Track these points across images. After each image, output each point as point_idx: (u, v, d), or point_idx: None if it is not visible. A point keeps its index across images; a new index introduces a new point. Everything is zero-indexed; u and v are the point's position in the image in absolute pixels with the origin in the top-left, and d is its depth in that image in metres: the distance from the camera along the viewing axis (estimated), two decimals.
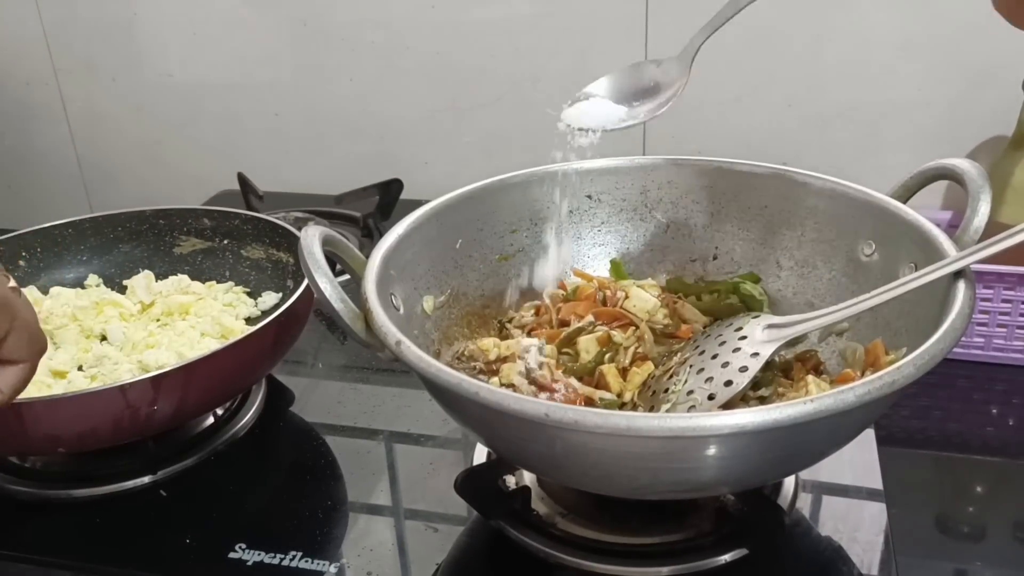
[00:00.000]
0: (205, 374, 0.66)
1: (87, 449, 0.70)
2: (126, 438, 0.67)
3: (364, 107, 1.21)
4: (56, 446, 0.66)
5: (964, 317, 0.52)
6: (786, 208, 0.72)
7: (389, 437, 0.75)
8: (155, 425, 0.67)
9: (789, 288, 0.72)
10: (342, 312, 0.56)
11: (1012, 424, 0.75)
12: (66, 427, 0.64)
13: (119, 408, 0.63)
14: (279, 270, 0.87)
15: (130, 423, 0.65)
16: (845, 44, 1.02)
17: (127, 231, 0.91)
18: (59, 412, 0.63)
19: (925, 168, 0.65)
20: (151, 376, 0.63)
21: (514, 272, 0.75)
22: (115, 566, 0.63)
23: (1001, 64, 0.96)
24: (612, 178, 0.76)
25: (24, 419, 0.62)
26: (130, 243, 0.91)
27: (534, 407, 0.46)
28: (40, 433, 0.64)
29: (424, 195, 0.73)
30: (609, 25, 1.08)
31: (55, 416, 0.63)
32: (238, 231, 0.89)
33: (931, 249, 0.59)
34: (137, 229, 0.91)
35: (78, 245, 0.90)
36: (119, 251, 0.91)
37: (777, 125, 1.07)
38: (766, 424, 0.45)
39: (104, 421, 0.64)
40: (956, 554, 0.62)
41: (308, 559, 0.62)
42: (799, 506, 0.64)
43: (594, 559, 0.59)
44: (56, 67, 1.29)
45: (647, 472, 0.51)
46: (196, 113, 1.27)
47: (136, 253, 0.91)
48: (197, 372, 0.65)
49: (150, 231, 0.91)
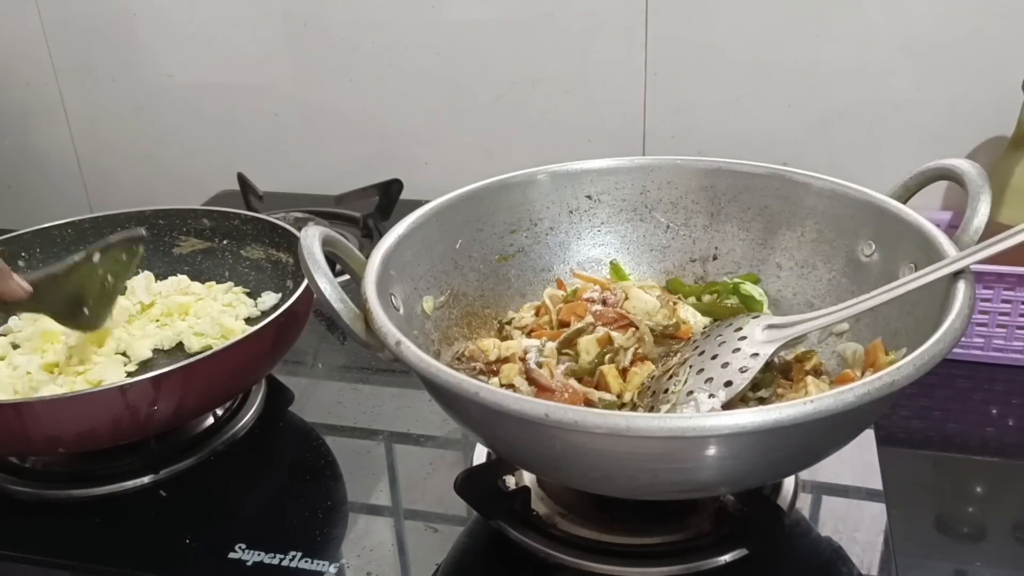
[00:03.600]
0: (205, 374, 0.66)
1: (87, 449, 0.70)
2: (126, 438, 0.67)
3: (364, 107, 1.21)
4: (56, 446, 0.66)
5: (964, 318, 0.52)
6: (786, 208, 0.72)
7: (389, 437, 0.75)
8: (155, 425, 0.67)
9: (789, 288, 0.72)
10: (342, 312, 0.56)
11: (1012, 424, 0.75)
12: (66, 427, 0.64)
13: (119, 408, 0.63)
14: (279, 270, 0.87)
15: (130, 423, 0.65)
16: (845, 44, 1.02)
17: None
18: (59, 412, 0.63)
19: (925, 168, 0.65)
20: (151, 376, 0.63)
21: (514, 272, 0.75)
22: (115, 566, 0.63)
23: (1001, 64, 0.96)
24: (612, 178, 0.76)
25: (24, 419, 0.62)
26: None
27: (534, 407, 0.46)
28: (40, 433, 0.64)
29: (424, 195, 0.73)
30: (609, 25, 1.08)
31: (55, 416, 0.63)
32: (238, 231, 0.89)
33: (931, 249, 0.59)
34: None
35: (78, 245, 0.90)
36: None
37: (777, 125, 1.07)
38: (766, 424, 0.45)
39: (104, 421, 0.64)
40: (956, 554, 0.62)
41: (308, 559, 0.62)
42: (799, 506, 0.64)
43: (594, 559, 0.59)
44: (56, 67, 1.29)
45: (647, 472, 0.51)
46: (196, 113, 1.27)
47: None
48: (197, 372, 0.65)
49: (150, 231, 0.91)
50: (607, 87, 1.11)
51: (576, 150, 1.00)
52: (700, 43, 1.06)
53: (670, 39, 1.07)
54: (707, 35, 1.05)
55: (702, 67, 1.07)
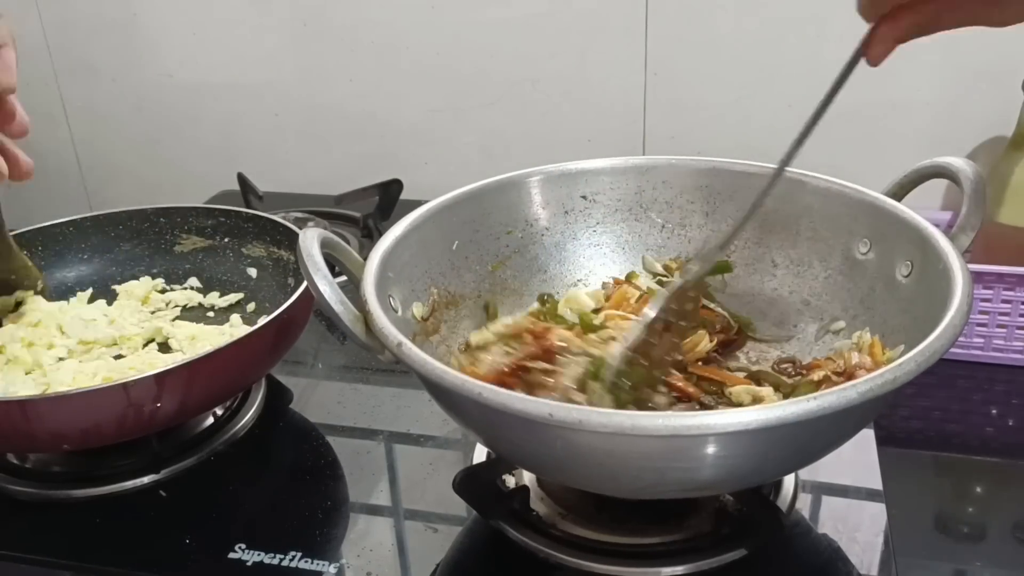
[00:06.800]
0: (207, 372, 0.66)
1: (91, 446, 0.70)
2: (129, 435, 0.67)
3: (364, 107, 1.21)
4: (61, 443, 0.66)
5: (963, 313, 0.52)
6: (781, 207, 0.72)
7: (389, 437, 0.75)
8: (158, 422, 0.67)
9: (785, 287, 0.72)
10: (342, 315, 0.56)
11: (1012, 424, 0.75)
12: (70, 424, 0.64)
13: (122, 405, 0.64)
14: (280, 268, 0.87)
15: (134, 420, 0.65)
16: (845, 44, 1.01)
17: (128, 229, 0.91)
18: (63, 409, 0.63)
19: (920, 166, 0.65)
20: (154, 374, 0.63)
21: (510, 273, 0.74)
22: (115, 566, 0.63)
23: (1001, 64, 0.96)
24: (607, 178, 0.76)
25: (29, 416, 0.62)
26: (131, 241, 0.91)
27: (537, 407, 0.46)
28: (44, 430, 0.64)
29: (424, 195, 0.73)
30: (609, 25, 1.08)
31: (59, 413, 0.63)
32: (239, 229, 0.89)
33: (927, 247, 0.59)
34: (138, 228, 0.91)
35: (79, 243, 0.90)
36: (120, 249, 0.91)
37: (777, 126, 1.07)
38: (770, 422, 0.45)
39: (108, 418, 0.64)
40: (956, 554, 0.62)
41: (308, 559, 0.62)
42: (798, 506, 0.64)
43: (593, 559, 0.59)
44: (56, 67, 1.29)
45: (652, 471, 0.51)
46: (196, 113, 1.27)
47: (137, 252, 0.91)
48: (198, 370, 0.65)
49: (151, 229, 0.91)
50: (607, 87, 1.11)
51: (576, 150, 1.00)
52: (700, 43, 1.06)
53: (670, 39, 1.07)
54: (707, 35, 1.05)
55: (702, 67, 1.07)
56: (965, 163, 0.62)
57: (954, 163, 0.62)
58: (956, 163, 0.62)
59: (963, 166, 0.61)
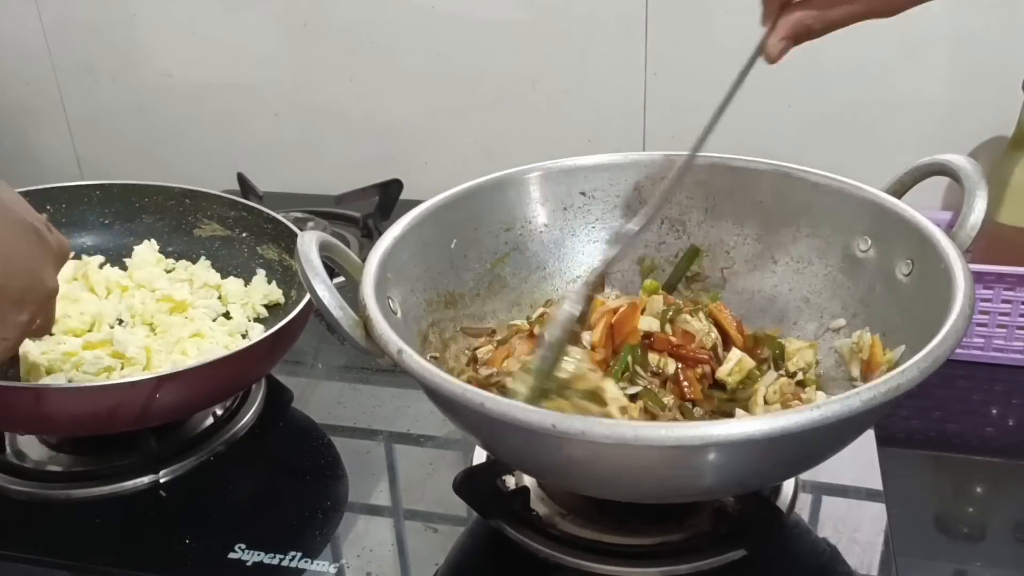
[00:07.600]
0: (208, 370, 0.67)
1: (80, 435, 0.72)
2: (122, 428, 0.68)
3: (364, 107, 1.21)
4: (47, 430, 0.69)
5: (965, 317, 0.52)
6: (781, 204, 0.72)
7: (389, 437, 0.75)
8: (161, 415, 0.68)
9: (785, 284, 0.72)
10: (341, 320, 0.56)
11: (1012, 424, 0.75)
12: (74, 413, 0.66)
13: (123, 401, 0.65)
14: (288, 275, 0.87)
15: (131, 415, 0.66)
16: (845, 44, 1.01)
17: (153, 203, 0.92)
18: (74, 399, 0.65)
19: (920, 163, 0.65)
20: (155, 376, 0.65)
21: (509, 271, 0.74)
22: (115, 566, 0.63)
23: (1001, 64, 0.96)
24: (606, 175, 0.76)
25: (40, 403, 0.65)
26: (153, 215, 0.92)
27: (540, 418, 0.46)
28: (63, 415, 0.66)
29: (424, 196, 0.73)
30: (609, 26, 1.08)
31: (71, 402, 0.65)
32: (258, 228, 0.89)
33: (927, 245, 0.59)
34: (164, 204, 0.92)
35: (103, 208, 0.91)
36: (141, 221, 0.92)
37: (777, 125, 1.07)
38: (774, 432, 0.45)
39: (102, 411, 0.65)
40: (956, 554, 0.62)
41: (308, 559, 0.62)
42: (798, 507, 0.64)
43: (593, 559, 0.59)
44: (56, 67, 1.29)
45: (654, 479, 0.51)
46: (196, 113, 1.27)
47: (157, 226, 0.92)
48: (200, 369, 0.66)
49: (176, 208, 0.92)
50: (607, 87, 1.11)
51: (576, 150, 0.99)
52: (700, 43, 1.06)
53: (670, 38, 1.07)
54: (707, 35, 1.05)
55: (702, 67, 1.07)
56: (966, 160, 0.62)
57: (955, 160, 0.62)
58: (956, 160, 0.62)
59: (963, 163, 0.61)
